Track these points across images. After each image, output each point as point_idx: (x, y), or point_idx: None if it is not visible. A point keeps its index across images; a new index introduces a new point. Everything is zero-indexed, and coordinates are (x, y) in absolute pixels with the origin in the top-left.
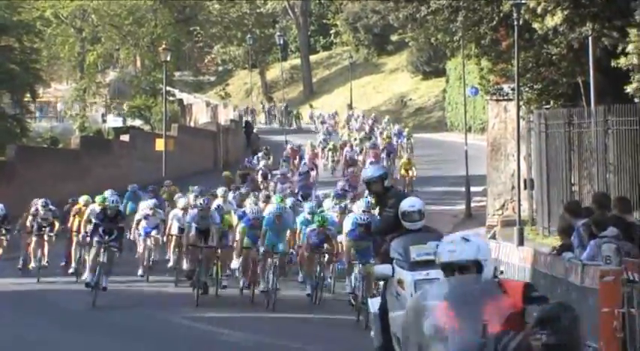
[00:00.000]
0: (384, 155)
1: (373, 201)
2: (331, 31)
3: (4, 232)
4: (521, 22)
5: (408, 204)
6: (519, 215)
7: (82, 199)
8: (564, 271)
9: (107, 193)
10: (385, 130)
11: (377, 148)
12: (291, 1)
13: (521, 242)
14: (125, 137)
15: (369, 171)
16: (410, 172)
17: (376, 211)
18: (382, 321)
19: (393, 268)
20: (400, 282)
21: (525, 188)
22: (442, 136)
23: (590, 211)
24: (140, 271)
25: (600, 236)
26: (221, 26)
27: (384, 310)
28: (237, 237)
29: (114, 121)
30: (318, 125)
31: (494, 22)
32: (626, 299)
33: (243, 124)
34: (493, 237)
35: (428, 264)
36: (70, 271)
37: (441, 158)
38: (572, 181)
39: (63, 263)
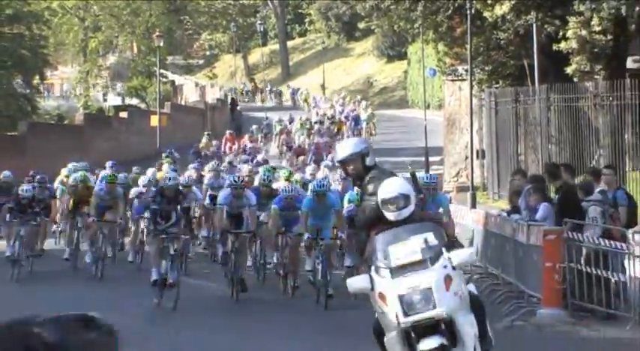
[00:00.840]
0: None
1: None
2: (306, 20)
3: (32, 218)
4: (473, 11)
5: (386, 189)
6: (472, 182)
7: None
8: (512, 231)
9: (165, 169)
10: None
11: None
12: None
13: (473, 205)
14: (124, 114)
15: (346, 147)
16: None
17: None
18: (380, 345)
19: (371, 279)
20: (382, 296)
21: (477, 158)
22: (404, 112)
23: (538, 178)
24: (130, 257)
25: (587, 200)
26: (208, 16)
27: (378, 331)
28: (270, 222)
29: (113, 100)
30: (310, 110)
31: (450, 12)
32: (567, 255)
33: (229, 102)
34: (449, 201)
35: (415, 267)
36: (65, 257)
37: (403, 132)
38: (519, 152)
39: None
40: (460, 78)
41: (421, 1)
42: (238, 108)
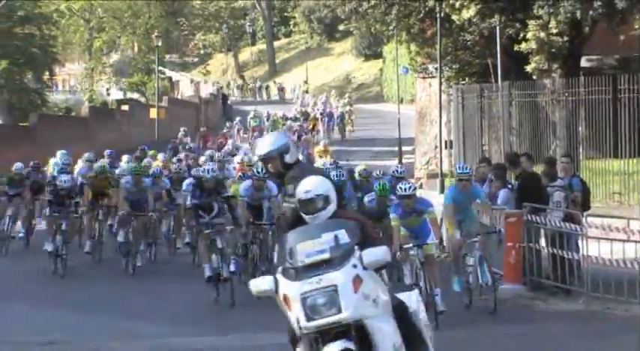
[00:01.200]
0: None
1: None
2: (290, 22)
3: (72, 210)
4: (442, 15)
5: (303, 188)
6: (441, 169)
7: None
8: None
9: (202, 161)
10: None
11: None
12: None
13: (442, 191)
14: (125, 107)
15: (265, 143)
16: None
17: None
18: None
19: (276, 280)
20: (286, 299)
21: (446, 148)
22: (379, 106)
23: (500, 166)
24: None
25: (552, 186)
26: (202, 18)
27: (294, 338)
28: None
29: (116, 95)
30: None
31: (421, 15)
32: (526, 236)
33: (221, 97)
34: (420, 187)
35: (323, 266)
36: (86, 250)
37: (379, 124)
38: (483, 143)
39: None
40: (430, 75)
41: (395, 5)
42: (229, 102)
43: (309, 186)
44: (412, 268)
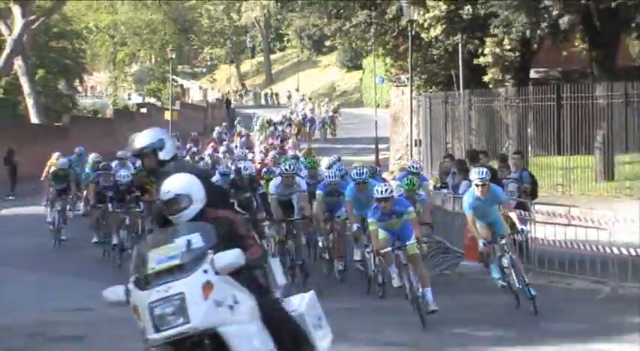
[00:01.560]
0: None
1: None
2: (284, 38)
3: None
4: (413, 33)
5: (164, 188)
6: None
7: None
8: (441, 201)
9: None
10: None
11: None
12: (257, 17)
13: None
14: (144, 110)
15: (140, 139)
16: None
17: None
18: None
19: (127, 290)
20: (136, 309)
21: (416, 146)
22: (359, 110)
23: (462, 161)
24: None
25: (507, 178)
26: (209, 35)
27: None
28: (314, 208)
29: (136, 99)
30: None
31: (395, 33)
32: None
33: (225, 101)
34: (394, 179)
35: (174, 272)
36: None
37: (359, 125)
38: (447, 141)
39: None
40: (403, 84)
41: (373, 25)
42: (232, 106)
43: (170, 185)
44: (400, 271)
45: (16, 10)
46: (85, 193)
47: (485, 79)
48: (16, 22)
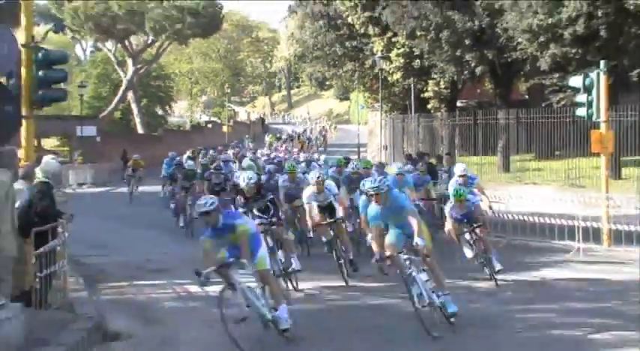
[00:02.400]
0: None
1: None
2: (300, 80)
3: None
4: (382, 77)
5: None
6: (381, 162)
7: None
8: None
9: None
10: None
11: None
12: (282, 66)
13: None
14: (209, 125)
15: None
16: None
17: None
18: None
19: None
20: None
21: (385, 150)
22: (348, 126)
23: (416, 160)
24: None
25: (440, 170)
26: (251, 77)
27: None
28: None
29: (204, 118)
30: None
31: (371, 77)
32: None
33: (260, 120)
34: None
35: None
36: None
37: (347, 135)
38: (404, 147)
39: None
40: (376, 109)
41: (357, 72)
42: (266, 123)
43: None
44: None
45: (129, 61)
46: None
47: (428, 106)
48: (129, 69)
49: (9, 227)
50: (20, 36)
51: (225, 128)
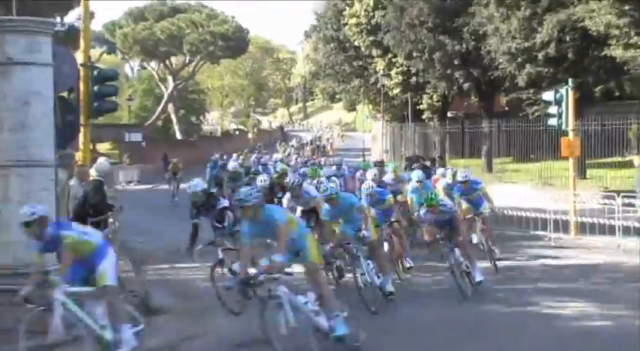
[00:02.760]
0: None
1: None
2: (314, 94)
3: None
4: (384, 91)
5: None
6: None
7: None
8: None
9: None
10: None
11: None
12: (300, 82)
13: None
14: (237, 132)
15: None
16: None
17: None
18: None
19: None
20: None
21: (386, 153)
22: (354, 133)
23: (413, 161)
24: None
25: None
26: (273, 92)
27: None
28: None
29: (233, 126)
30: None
31: (374, 91)
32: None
33: (280, 128)
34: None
35: None
36: None
37: (354, 141)
38: (402, 151)
39: None
40: (378, 119)
41: (362, 87)
42: (285, 130)
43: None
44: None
45: (170, 78)
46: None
47: (423, 117)
48: (169, 84)
49: (65, 218)
50: (79, 57)
51: (250, 135)
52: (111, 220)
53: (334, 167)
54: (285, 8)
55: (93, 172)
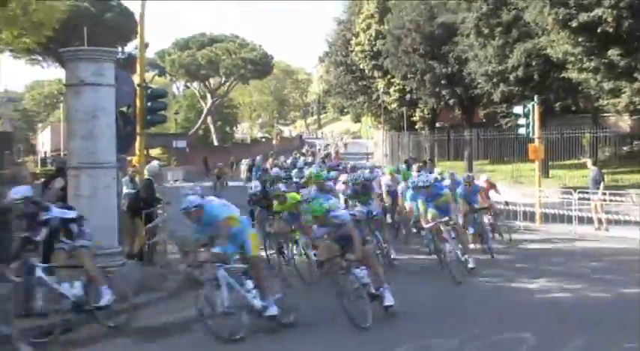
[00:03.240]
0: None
1: None
2: (326, 108)
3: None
4: (384, 106)
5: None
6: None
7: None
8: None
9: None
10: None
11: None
12: (315, 98)
13: None
14: (263, 140)
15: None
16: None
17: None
18: None
19: None
20: None
21: (385, 156)
22: (359, 140)
23: (410, 163)
24: None
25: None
26: (292, 106)
27: None
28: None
29: (260, 134)
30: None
31: (377, 106)
32: None
33: (299, 137)
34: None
35: None
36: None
37: (359, 147)
38: (399, 154)
39: None
40: (379, 128)
41: (366, 103)
42: (303, 137)
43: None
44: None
45: (208, 95)
46: None
47: (416, 127)
48: (208, 101)
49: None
50: (136, 79)
51: (274, 141)
52: (160, 211)
53: (367, 170)
54: (302, 37)
55: (145, 172)
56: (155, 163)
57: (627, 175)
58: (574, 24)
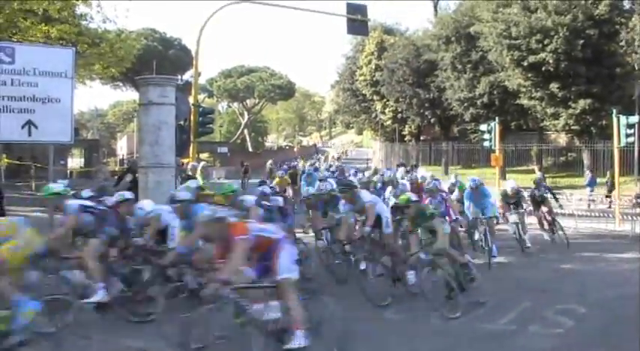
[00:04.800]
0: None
1: None
2: (336, 123)
3: None
4: (381, 123)
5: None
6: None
7: None
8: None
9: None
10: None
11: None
12: (327, 116)
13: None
14: (287, 147)
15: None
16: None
17: None
18: None
19: None
20: None
21: (381, 161)
22: (361, 149)
23: (402, 165)
24: None
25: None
26: (310, 122)
27: None
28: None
29: (284, 143)
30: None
31: (375, 122)
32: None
33: (314, 145)
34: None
35: None
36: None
37: (360, 154)
38: (392, 160)
39: None
40: (377, 140)
41: (367, 120)
42: (317, 146)
43: None
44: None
45: (245, 112)
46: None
47: (405, 139)
48: (245, 117)
49: None
50: (191, 100)
51: (295, 149)
52: None
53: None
54: (318, 68)
55: (188, 171)
56: (202, 163)
57: (564, 178)
58: (525, 63)
